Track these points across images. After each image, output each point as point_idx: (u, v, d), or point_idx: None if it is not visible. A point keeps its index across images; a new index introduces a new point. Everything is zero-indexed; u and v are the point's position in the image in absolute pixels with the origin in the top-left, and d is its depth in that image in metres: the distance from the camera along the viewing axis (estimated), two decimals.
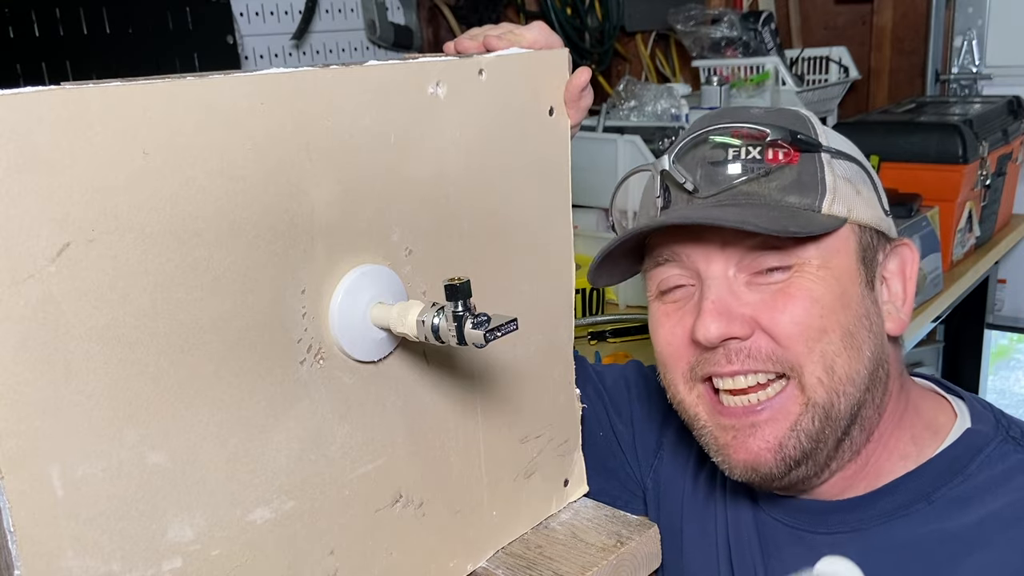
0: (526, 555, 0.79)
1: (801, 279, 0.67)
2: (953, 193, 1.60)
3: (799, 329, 0.66)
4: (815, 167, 0.70)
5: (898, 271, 0.74)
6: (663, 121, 1.78)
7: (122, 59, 1.44)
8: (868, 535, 0.69)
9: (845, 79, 2.18)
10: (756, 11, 2.16)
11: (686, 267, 0.71)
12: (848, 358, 0.67)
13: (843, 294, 0.68)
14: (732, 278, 0.69)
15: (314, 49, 1.89)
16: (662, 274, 0.73)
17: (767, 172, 0.69)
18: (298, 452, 0.61)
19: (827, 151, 0.71)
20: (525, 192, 0.76)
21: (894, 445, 0.71)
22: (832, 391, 0.67)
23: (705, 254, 0.70)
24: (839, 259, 0.69)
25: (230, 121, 0.53)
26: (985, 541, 0.64)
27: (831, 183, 0.69)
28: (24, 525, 0.48)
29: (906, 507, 0.69)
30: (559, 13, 2.02)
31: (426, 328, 0.60)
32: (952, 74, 2.24)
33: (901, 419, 0.72)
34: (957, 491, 0.67)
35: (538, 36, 0.75)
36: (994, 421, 0.71)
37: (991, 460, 0.68)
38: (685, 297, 0.72)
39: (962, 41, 2.22)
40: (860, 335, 0.68)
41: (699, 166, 0.71)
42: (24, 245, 0.46)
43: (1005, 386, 2.93)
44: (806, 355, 0.66)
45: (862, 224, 0.70)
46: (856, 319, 0.68)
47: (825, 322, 0.67)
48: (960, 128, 1.61)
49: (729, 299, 0.68)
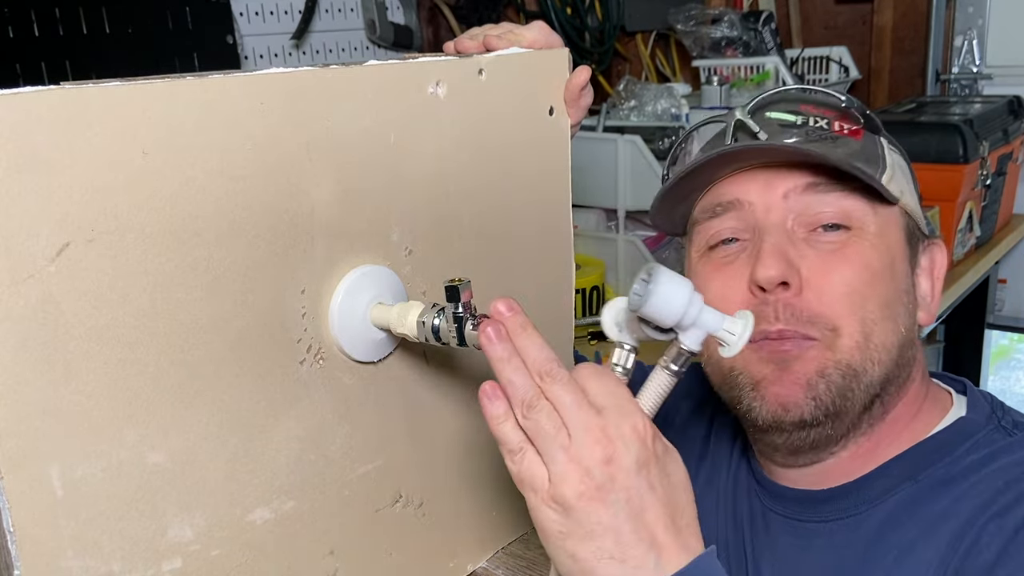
0: (526, 555, 0.79)
1: (857, 243, 0.69)
2: (953, 193, 1.60)
3: (847, 291, 0.68)
4: (876, 146, 0.72)
5: (927, 268, 0.75)
6: (663, 121, 1.77)
7: (122, 59, 1.44)
8: (860, 520, 0.70)
9: (845, 79, 2.18)
10: (756, 11, 2.16)
11: (744, 217, 0.71)
12: (884, 328, 0.68)
13: (892, 266, 0.70)
14: (791, 231, 0.70)
15: (314, 49, 1.89)
16: (715, 226, 0.73)
17: (833, 139, 0.71)
18: (298, 452, 0.61)
19: (886, 137, 0.74)
20: (525, 192, 0.76)
21: (908, 433, 0.72)
22: (867, 357, 0.68)
23: (766, 202, 0.70)
24: (891, 232, 0.71)
25: (230, 121, 0.53)
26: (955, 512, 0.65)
27: (890, 163, 0.72)
28: (24, 525, 0.48)
29: (894, 488, 0.69)
30: (559, 13, 2.01)
31: (426, 329, 0.60)
32: (952, 74, 2.23)
33: (920, 409, 0.73)
34: (942, 472, 0.68)
35: (538, 36, 0.75)
36: (989, 411, 0.72)
37: (978, 445, 0.68)
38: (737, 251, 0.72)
39: (962, 41, 2.22)
40: (898, 308, 0.70)
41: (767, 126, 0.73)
42: (24, 245, 0.46)
43: (1005, 386, 2.93)
44: (847, 317, 0.67)
45: (908, 211, 0.72)
46: (897, 293, 0.70)
47: (871, 288, 0.68)
48: (960, 128, 1.61)
49: (788, 247, 0.69)
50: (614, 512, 0.49)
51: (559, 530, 0.49)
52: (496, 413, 0.51)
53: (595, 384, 0.51)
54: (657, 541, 0.50)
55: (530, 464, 0.50)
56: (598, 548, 0.49)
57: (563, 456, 0.49)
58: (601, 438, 0.49)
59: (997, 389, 2.86)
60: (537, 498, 0.50)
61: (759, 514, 0.77)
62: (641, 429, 0.51)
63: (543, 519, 0.50)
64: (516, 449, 0.50)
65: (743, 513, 0.79)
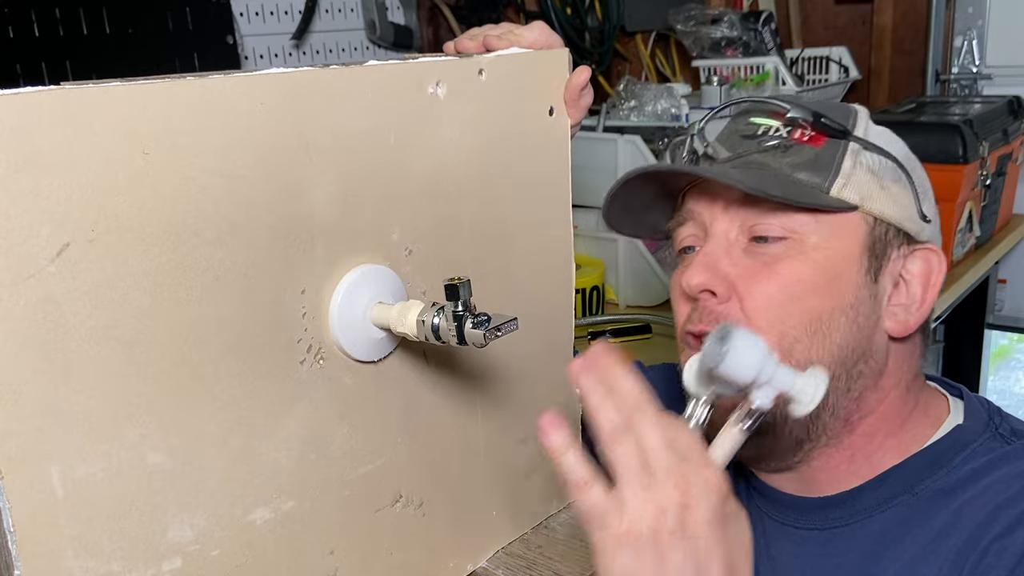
0: (526, 555, 0.79)
1: (790, 256, 0.69)
2: (953, 193, 1.60)
3: (767, 305, 0.68)
4: (837, 152, 0.71)
5: (921, 275, 0.74)
6: (663, 121, 1.77)
7: (122, 59, 1.44)
8: (855, 529, 0.70)
9: (845, 79, 2.17)
10: (756, 11, 2.15)
11: (698, 226, 0.74)
12: (809, 343, 0.68)
13: (833, 278, 0.69)
14: (733, 240, 0.71)
15: (314, 49, 1.89)
16: (681, 234, 0.76)
17: (785, 148, 0.71)
18: (298, 452, 0.61)
19: (858, 141, 0.72)
20: (525, 192, 0.76)
21: (893, 444, 0.72)
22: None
23: (710, 213, 0.72)
24: (839, 242, 0.70)
25: (230, 121, 0.53)
26: (956, 527, 0.65)
27: (848, 169, 0.70)
28: (24, 525, 0.48)
29: (890, 499, 0.69)
30: (559, 13, 2.01)
31: (426, 328, 0.60)
32: (952, 74, 2.23)
33: (905, 421, 0.72)
34: (940, 483, 0.68)
35: (538, 36, 0.75)
36: (986, 418, 0.71)
37: (976, 454, 0.68)
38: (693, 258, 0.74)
39: (962, 41, 2.21)
40: (833, 323, 0.69)
41: (729, 136, 0.76)
42: (24, 245, 0.46)
43: (1005, 386, 2.93)
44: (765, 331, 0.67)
45: (878, 216, 0.71)
46: (836, 306, 0.69)
47: (793, 305, 0.68)
48: (960, 128, 1.61)
49: (721, 257, 0.70)
50: (683, 558, 0.48)
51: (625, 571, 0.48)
52: (556, 445, 0.50)
53: (677, 432, 0.51)
54: None
55: (602, 497, 0.49)
56: None
57: (642, 494, 0.48)
58: (681, 483, 0.49)
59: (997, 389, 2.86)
60: (608, 535, 0.48)
61: (756, 518, 0.77)
62: (718, 485, 0.50)
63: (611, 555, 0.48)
64: (583, 482, 0.49)
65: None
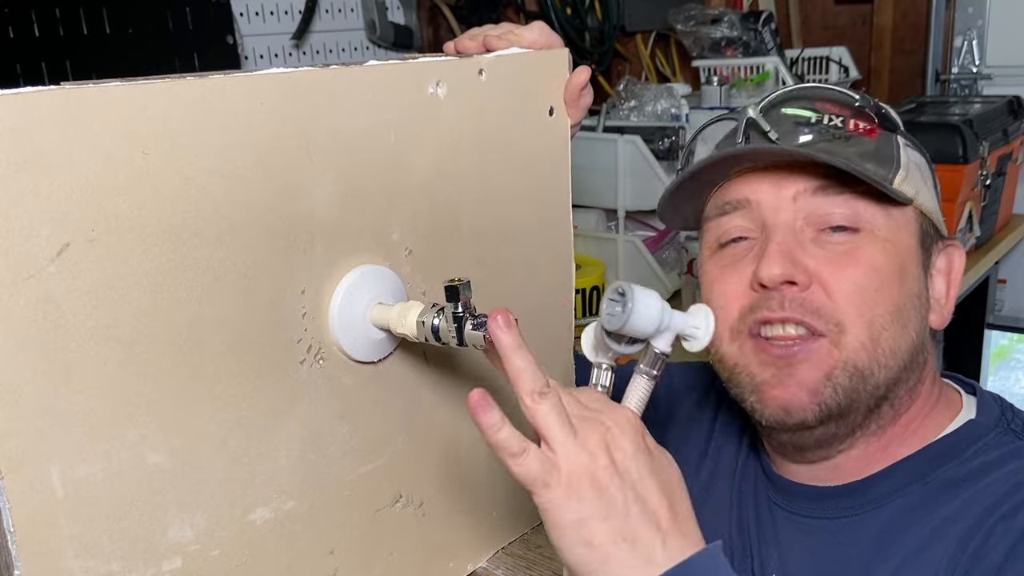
0: (526, 555, 0.79)
1: (867, 246, 0.68)
2: (953, 193, 1.60)
3: (856, 291, 0.67)
4: (891, 145, 0.71)
5: (944, 269, 0.75)
6: (663, 121, 1.77)
7: (122, 59, 1.44)
8: (864, 519, 0.70)
9: (845, 79, 2.17)
10: (756, 11, 2.15)
11: (753, 216, 0.71)
12: (894, 332, 0.68)
13: (902, 270, 0.69)
14: (799, 231, 0.70)
15: (314, 49, 1.89)
16: (725, 224, 0.73)
17: (847, 137, 0.71)
18: (298, 452, 0.61)
19: (904, 135, 0.73)
20: (525, 192, 0.76)
21: (921, 432, 0.72)
22: (874, 360, 0.67)
23: (775, 202, 0.70)
24: (903, 235, 0.70)
25: (230, 121, 0.53)
26: (964, 514, 0.65)
27: (904, 162, 0.71)
28: (24, 525, 0.48)
29: (901, 489, 0.69)
30: (559, 13, 2.01)
31: (426, 329, 0.60)
32: (952, 74, 2.23)
33: (932, 410, 0.73)
34: (950, 474, 0.68)
35: (538, 36, 0.75)
36: (999, 414, 0.72)
37: (988, 447, 0.68)
38: (746, 250, 0.72)
39: (962, 41, 2.22)
40: (909, 313, 0.69)
41: (781, 123, 0.72)
42: (24, 245, 0.46)
43: (1005, 386, 2.93)
44: (856, 317, 0.67)
45: (924, 211, 0.72)
46: (908, 297, 0.69)
47: (880, 294, 0.68)
48: (960, 128, 1.61)
49: (795, 247, 0.69)
50: (623, 494, 0.50)
51: (575, 518, 0.50)
52: (492, 421, 0.51)
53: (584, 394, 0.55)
54: (661, 525, 0.51)
55: (537, 460, 0.50)
56: (613, 530, 0.50)
57: (570, 443, 0.51)
58: (600, 427, 0.52)
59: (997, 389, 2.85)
60: (550, 491, 0.50)
61: (765, 508, 0.77)
62: (633, 420, 0.54)
63: (558, 510, 0.50)
64: (519, 451, 0.51)
65: (748, 506, 0.79)
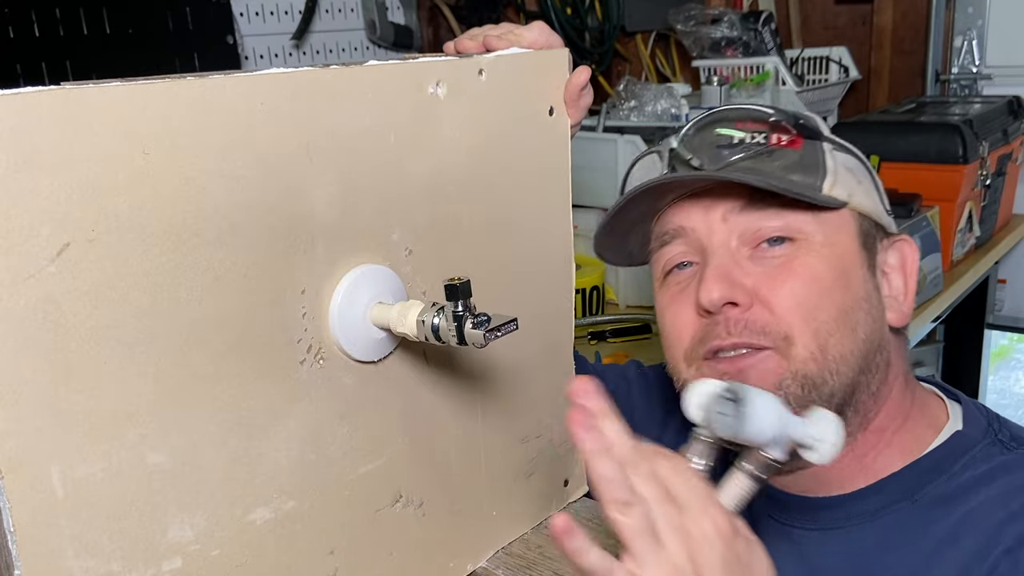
0: (526, 555, 0.79)
1: (804, 255, 0.69)
2: (953, 193, 1.60)
3: (797, 303, 0.68)
4: (816, 152, 0.72)
5: (898, 266, 0.74)
6: (663, 121, 1.77)
7: (122, 59, 1.44)
8: (852, 532, 0.70)
9: (845, 79, 2.18)
10: (756, 11, 2.15)
11: (690, 242, 0.73)
12: (841, 337, 0.68)
13: (844, 273, 0.69)
14: (735, 250, 0.71)
15: (314, 49, 1.89)
16: (667, 254, 0.75)
17: (769, 152, 0.71)
18: (298, 452, 0.61)
19: (829, 141, 0.73)
20: (525, 192, 0.76)
21: (898, 442, 0.72)
22: (824, 368, 0.67)
23: (707, 225, 0.71)
24: (841, 238, 0.70)
25: (230, 121, 0.53)
26: (958, 537, 0.64)
27: (832, 167, 0.71)
28: (24, 525, 0.48)
29: (890, 505, 0.69)
30: (559, 13, 2.01)
31: (426, 328, 0.60)
32: (952, 74, 2.23)
33: (907, 417, 0.73)
34: (940, 490, 0.68)
35: (538, 36, 0.75)
36: (985, 425, 0.71)
37: (975, 461, 0.68)
38: (689, 277, 0.73)
39: (962, 41, 2.22)
40: (856, 316, 0.69)
41: (705, 149, 0.73)
42: (24, 245, 0.46)
43: (1005, 386, 2.93)
44: (801, 328, 0.67)
45: (862, 211, 0.72)
46: (855, 301, 0.69)
47: (823, 299, 0.68)
48: (960, 128, 1.61)
49: (732, 267, 0.69)
50: None
51: None
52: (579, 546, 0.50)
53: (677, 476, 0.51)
54: None
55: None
56: None
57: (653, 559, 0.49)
58: (686, 540, 0.49)
59: (997, 389, 2.86)
60: None
61: (757, 518, 0.77)
62: (724, 528, 0.50)
63: None
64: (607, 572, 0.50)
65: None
